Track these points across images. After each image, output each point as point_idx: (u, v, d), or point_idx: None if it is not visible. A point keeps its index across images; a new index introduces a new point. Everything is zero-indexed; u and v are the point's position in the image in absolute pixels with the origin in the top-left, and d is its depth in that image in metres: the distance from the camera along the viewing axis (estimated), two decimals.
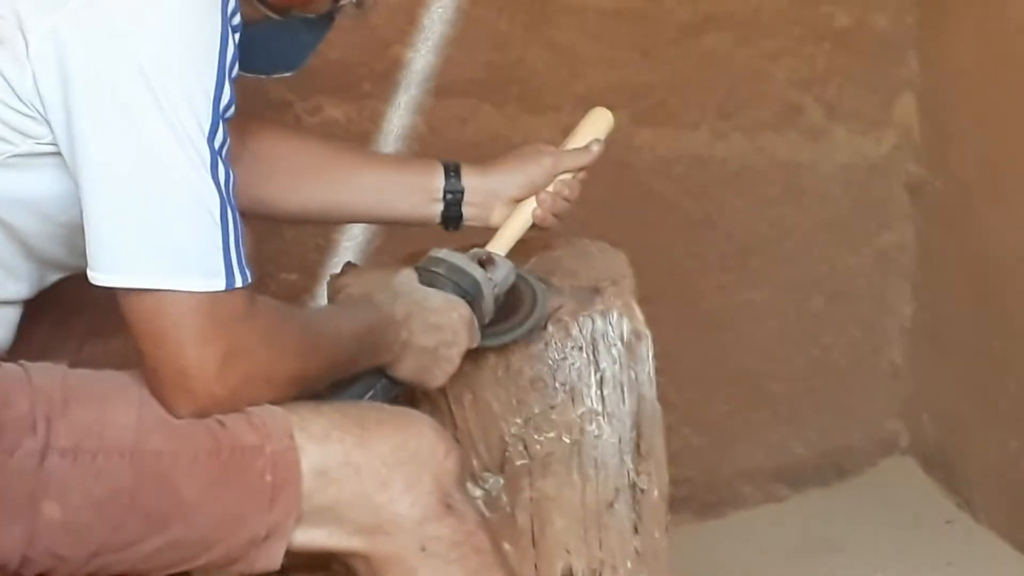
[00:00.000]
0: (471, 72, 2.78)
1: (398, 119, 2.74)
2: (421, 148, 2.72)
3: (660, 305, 2.88)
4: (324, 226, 2.68)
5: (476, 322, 1.90)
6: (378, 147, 2.72)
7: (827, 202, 3.12)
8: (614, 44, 2.89)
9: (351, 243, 2.73)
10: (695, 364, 3.04)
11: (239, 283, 1.56)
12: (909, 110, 3.13)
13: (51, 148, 1.55)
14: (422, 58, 2.73)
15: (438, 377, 1.87)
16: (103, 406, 1.58)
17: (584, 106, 2.19)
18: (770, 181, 3.06)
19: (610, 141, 2.12)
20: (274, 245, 2.62)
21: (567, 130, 2.15)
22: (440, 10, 2.73)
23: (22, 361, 1.62)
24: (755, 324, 3.12)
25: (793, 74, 3.04)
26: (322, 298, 2.59)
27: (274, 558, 1.63)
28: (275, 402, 1.63)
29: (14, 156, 1.56)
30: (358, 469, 1.63)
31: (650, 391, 2.07)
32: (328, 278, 2.20)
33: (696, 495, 3.09)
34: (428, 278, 1.90)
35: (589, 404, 2.02)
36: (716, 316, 3.08)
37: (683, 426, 3.00)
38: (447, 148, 2.65)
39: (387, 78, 2.72)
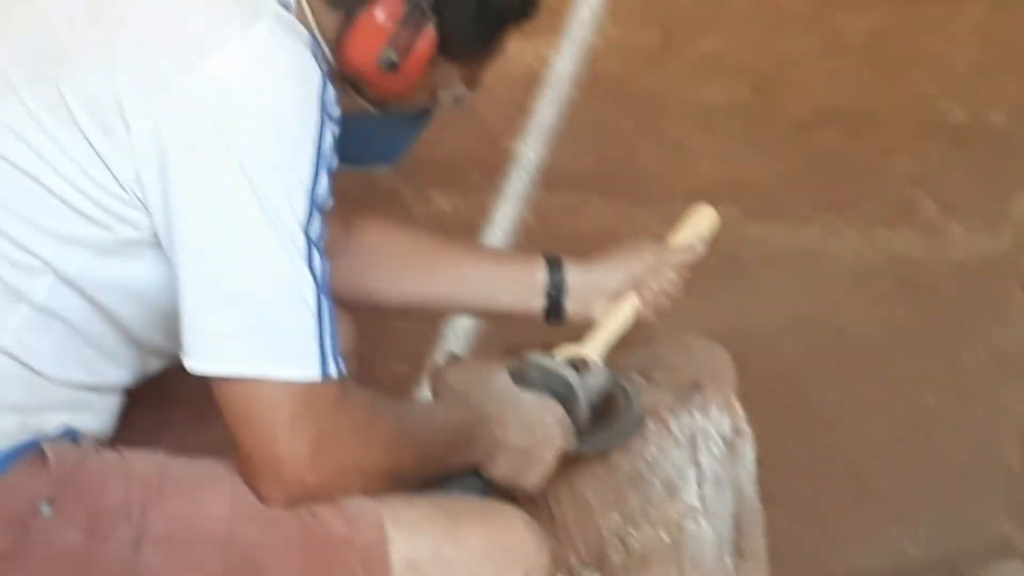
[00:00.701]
0: (581, 165, 2.80)
1: (507, 211, 2.75)
2: (529, 240, 2.74)
3: (770, 400, 2.85)
4: (431, 316, 2.69)
5: (570, 424, 1.89)
6: (486, 239, 2.74)
7: (942, 299, 3.08)
8: (725, 138, 2.90)
9: (458, 333, 2.74)
10: (805, 460, 3.00)
11: (333, 373, 1.57)
12: None
13: (151, 236, 1.57)
14: (532, 151, 2.76)
15: (533, 479, 1.86)
16: (197, 495, 1.59)
17: (695, 199, 2.18)
18: (883, 277, 3.03)
19: (715, 237, 2.11)
20: (381, 334, 2.62)
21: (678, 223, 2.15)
22: (550, 104, 2.76)
23: (121, 448, 1.64)
24: (866, 420, 3.07)
25: (907, 170, 3.02)
26: (426, 389, 2.61)
27: None
28: (367, 493, 1.63)
29: (115, 243, 1.58)
30: (449, 563, 1.62)
31: (751, 489, 2.05)
32: (430, 369, 2.21)
33: None
34: (522, 381, 1.90)
35: (688, 501, 2.00)
36: (826, 412, 3.04)
37: (792, 523, 2.95)
38: (555, 240, 2.66)
39: (497, 170, 2.75)
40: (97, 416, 1.66)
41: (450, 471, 1.80)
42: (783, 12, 2.93)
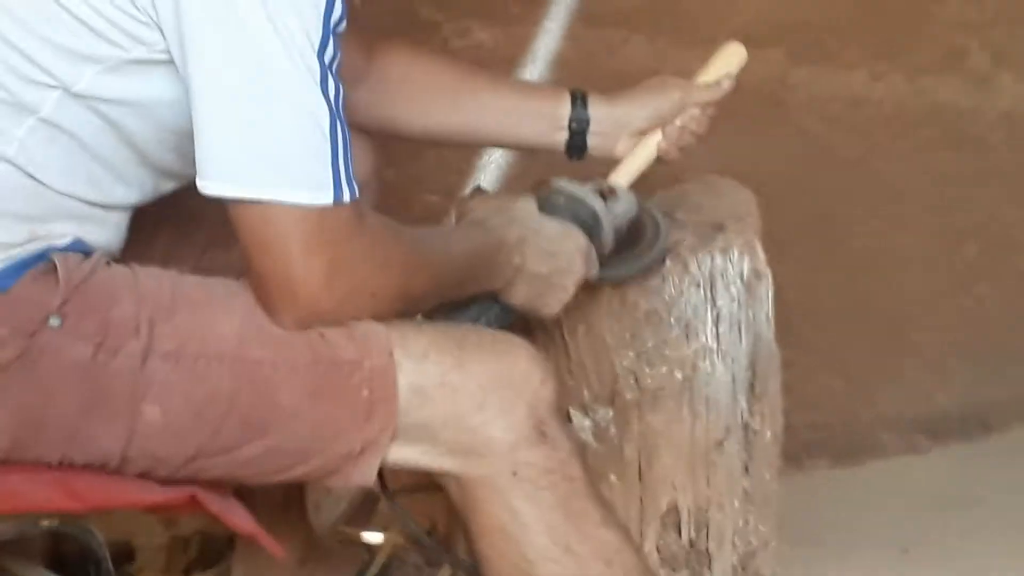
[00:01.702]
0: (623, 1, 2.76)
1: (546, 45, 2.73)
2: (567, 76, 2.71)
3: (806, 245, 2.86)
4: (466, 149, 2.69)
5: (593, 253, 1.89)
6: (524, 73, 2.72)
7: (987, 150, 3.05)
8: None
9: (492, 166, 2.74)
10: (839, 308, 3.00)
11: (347, 197, 1.57)
12: None
13: (163, 55, 1.57)
14: None
15: (551, 305, 1.86)
16: (208, 312, 1.61)
17: (739, 42, 2.16)
18: (928, 125, 3.00)
19: (741, 76, 2.09)
20: (416, 167, 2.63)
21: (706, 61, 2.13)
22: None
23: (134, 264, 1.65)
24: (905, 270, 3.06)
25: (959, 17, 2.97)
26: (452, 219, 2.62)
27: (368, 473, 1.65)
28: (379, 317, 1.64)
29: (126, 62, 1.58)
30: (454, 390, 1.64)
31: (767, 332, 2.05)
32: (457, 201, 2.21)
33: (834, 441, 3.05)
34: (547, 207, 1.89)
35: (704, 341, 2.00)
36: (865, 259, 3.03)
37: (822, 370, 2.97)
38: (594, 77, 2.63)
39: (538, 3, 2.72)
40: (104, 230, 1.67)
41: (469, 296, 1.81)
42: None
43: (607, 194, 1.95)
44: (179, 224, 1.86)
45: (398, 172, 2.29)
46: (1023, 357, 3.20)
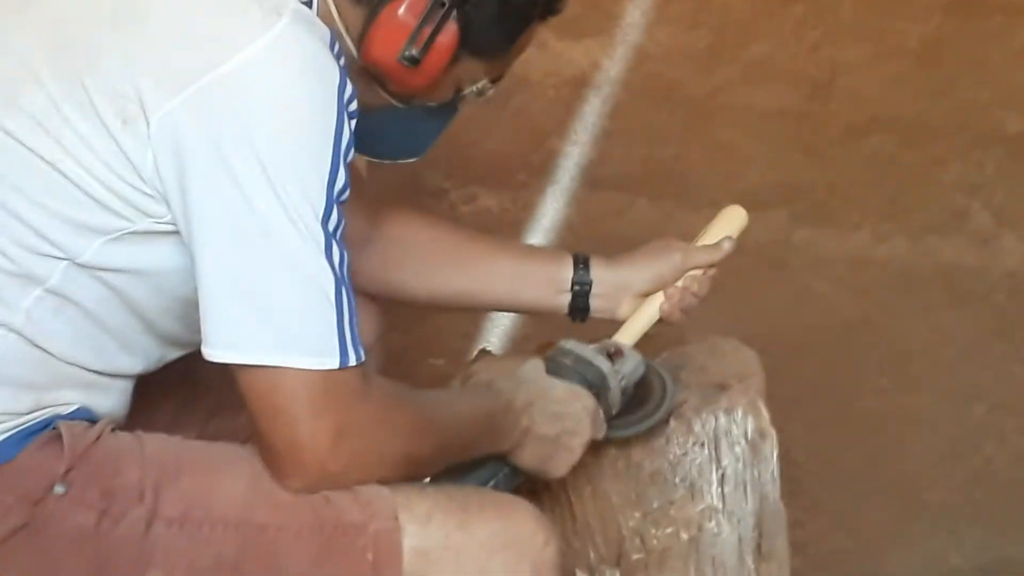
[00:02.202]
0: (628, 166, 2.81)
1: (552, 211, 2.77)
2: (573, 240, 2.75)
3: (814, 406, 2.87)
4: (472, 313, 2.71)
5: (601, 414, 1.91)
6: (531, 238, 2.75)
7: (993, 309, 3.06)
8: (775, 143, 2.90)
9: (498, 330, 2.76)
10: (849, 468, 2.99)
11: (353, 362, 1.58)
12: None
13: (169, 226, 1.59)
14: (578, 150, 2.77)
15: (559, 466, 1.87)
16: (212, 477, 1.61)
17: (743, 204, 2.19)
18: (932, 285, 3.02)
19: (744, 238, 2.12)
20: (422, 331, 2.66)
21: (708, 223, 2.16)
22: (599, 105, 2.77)
23: (138, 431, 1.66)
24: (913, 430, 3.06)
25: (960, 178, 3.01)
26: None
27: None
28: (385, 481, 1.64)
29: (133, 233, 1.59)
30: (458, 552, 1.64)
31: (773, 491, 2.05)
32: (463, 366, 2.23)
33: None
34: (554, 368, 1.91)
35: (709, 501, 2.00)
36: (872, 420, 3.03)
37: (834, 530, 2.95)
38: (600, 241, 2.68)
39: (543, 170, 2.77)
40: (109, 398, 1.68)
41: (477, 458, 1.82)
42: (839, 18, 2.92)
43: (614, 355, 1.96)
44: (185, 391, 1.88)
45: (403, 336, 2.32)
46: None
